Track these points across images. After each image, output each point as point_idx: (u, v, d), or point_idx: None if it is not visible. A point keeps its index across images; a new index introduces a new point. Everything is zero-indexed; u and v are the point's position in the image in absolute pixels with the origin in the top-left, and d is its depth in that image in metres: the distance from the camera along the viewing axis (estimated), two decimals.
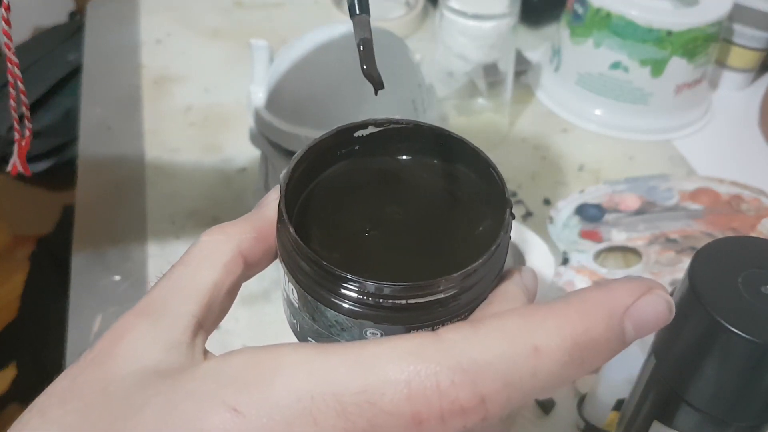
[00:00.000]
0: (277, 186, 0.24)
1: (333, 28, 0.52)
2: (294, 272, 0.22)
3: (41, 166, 1.35)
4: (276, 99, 0.50)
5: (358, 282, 0.21)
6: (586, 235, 0.60)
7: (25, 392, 1.23)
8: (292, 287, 0.23)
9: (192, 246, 0.23)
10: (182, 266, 0.23)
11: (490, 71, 0.67)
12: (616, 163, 0.70)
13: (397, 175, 0.26)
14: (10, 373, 1.26)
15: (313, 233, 0.24)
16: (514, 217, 0.23)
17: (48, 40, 1.39)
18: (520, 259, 0.42)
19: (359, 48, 0.27)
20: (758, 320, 0.29)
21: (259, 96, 0.52)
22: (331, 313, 0.22)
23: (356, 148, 0.26)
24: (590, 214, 0.62)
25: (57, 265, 1.24)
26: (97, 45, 0.84)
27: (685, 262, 0.57)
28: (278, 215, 0.23)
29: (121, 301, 0.54)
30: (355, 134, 0.26)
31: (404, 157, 0.27)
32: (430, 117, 0.51)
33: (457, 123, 0.72)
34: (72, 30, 1.41)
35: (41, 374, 1.18)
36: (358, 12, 0.28)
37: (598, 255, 0.58)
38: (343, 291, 0.21)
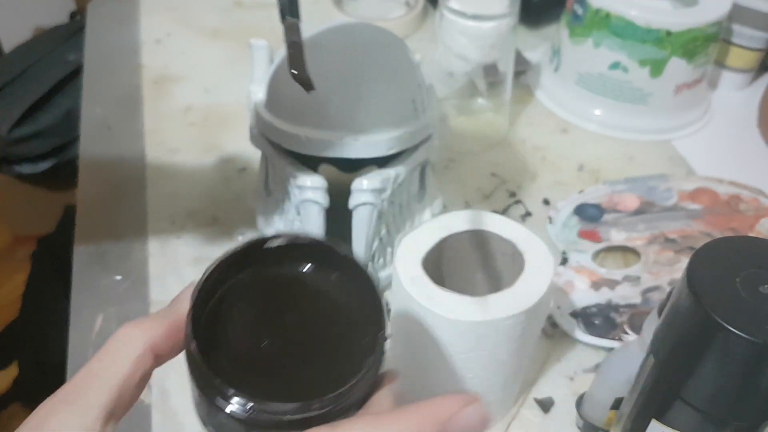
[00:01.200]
0: (194, 281, 0.27)
1: (333, 29, 0.52)
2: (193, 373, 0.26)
3: (42, 166, 1.35)
4: (276, 99, 0.50)
5: (242, 399, 0.24)
6: (585, 235, 0.60)
7: (27, 391, 1.23)
8: (191, 383, 0.26)
9: (110, 339, 0.26)
10: (98, 360, 0.26)
11: (490, 71, 0.67)
12: (616, 163, 0.70)
13: (297, 287, 0.29)
14: (11, 372, 1.26)
15: (216, 343, 0.27)
16: (386, 339, 0.27)
17: (49, 40, 1.39)
18: (519, 259, 0.43)
19: (288, 51, 0.28)
20: (756, 320, 0.29)
21: (259, 96, 0.52)
22: (220, 415, 0.25)
23: (263, 259, 0.29)
24: (589, 214, 0.62)
25: (58, 264, 1.24)
26: (97, 45, 0.85)
27: (684, 261, 0.57)
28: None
29: (122, 301, 0.55)
30: (264, 246, 0.29)
31: (305, 270, 0.30)
32: (430, 117, 0.52)
33: (456, 123, 0.72)
34: (72, 30, 1.41)
35: (42, 374, 1.18)
36: (288, 17, 0.29)
37: (597, 255, 0.58)
38: (229, 405, 0.24)
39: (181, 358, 0.27)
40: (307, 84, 0.28)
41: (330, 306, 0.29)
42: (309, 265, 0.30)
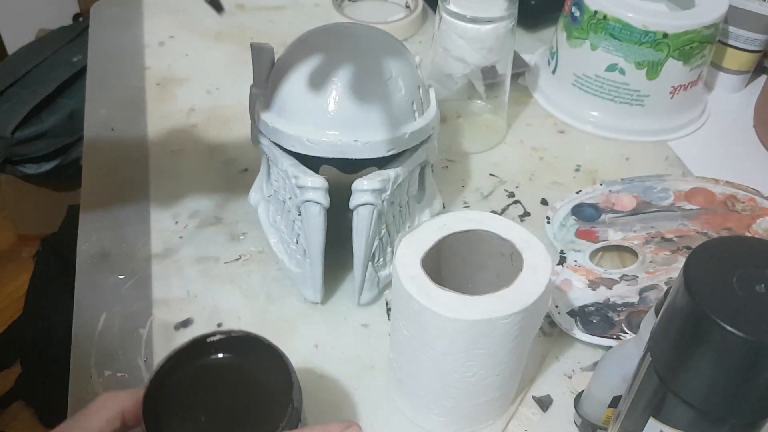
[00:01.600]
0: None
1: (333, 31, 0.53)
2: None
3: (46, 166, 1.36)
4: (277, 100, 0.51)
5: None
6: (582, 234, 0.61)
7: (29, 390, 1.24)
8: None
9: (92, 402, 0.35)
10: (80, 415, 0.35)
11: (489, 73, 0.68)
12: (613, 163, 0.71)
13: (230, 371, 0.37)
14: (14, 371, 1.26)
15: (167, 420, 0.35)
16: (297, 414, 0.35)
17: (52, 42, 1.40)
18: (518, 259, 0.43)
19: None
20: (753, 318, 0.29)
21: (260, 97, 0.53)
22: None
23: (204, 351, 0.38)
24: (587, 214, 0.63)
25: (62, 264, 1.25)
26: (101, 47, 0.85)
27: (681, 261, 0.58)
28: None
29: (125, 300, 0.55)
30: (206, 341, 0.38)
31: (237, 357, 0.38)
32: (429, 118, 0.52)
33: (455, 124, 0.73)
34: (76, 32, 1.42)
35: (45, 372, 1.18)
36: None
37: (594, 254, 0.59)
38: None
39: None
40: (218, 6, 0.33)
41: (255, 385, 0.37)
42: (240, 353, 0.38)
